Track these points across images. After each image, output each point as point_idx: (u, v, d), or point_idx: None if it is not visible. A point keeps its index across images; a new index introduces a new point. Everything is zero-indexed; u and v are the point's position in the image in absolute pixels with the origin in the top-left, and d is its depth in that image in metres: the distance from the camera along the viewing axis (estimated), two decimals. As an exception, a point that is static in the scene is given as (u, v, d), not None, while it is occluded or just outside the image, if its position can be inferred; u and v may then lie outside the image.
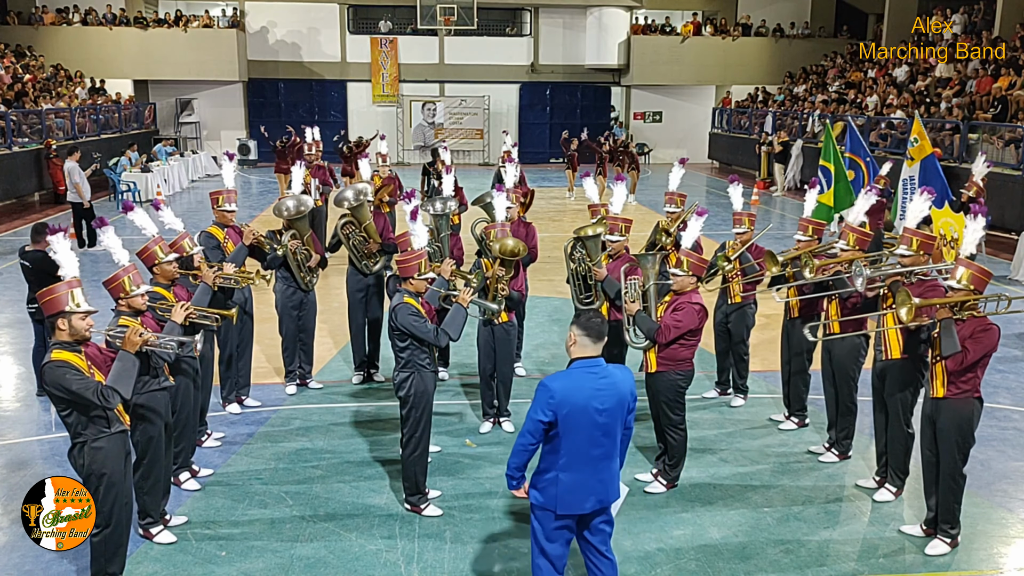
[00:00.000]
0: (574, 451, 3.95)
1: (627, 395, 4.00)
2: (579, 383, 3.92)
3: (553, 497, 4.00)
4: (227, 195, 6.95)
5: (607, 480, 4.05)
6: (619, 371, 4.05)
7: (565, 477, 3.98)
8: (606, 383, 3.94)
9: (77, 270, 4.53)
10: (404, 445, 5.54)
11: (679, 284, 5.66)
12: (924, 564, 5.08)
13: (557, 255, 7.25)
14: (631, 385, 4.04)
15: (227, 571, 4.92)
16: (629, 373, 4.10)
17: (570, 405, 3.87)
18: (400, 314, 5.31)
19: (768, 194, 21.65)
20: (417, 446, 5.50)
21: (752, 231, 7.20)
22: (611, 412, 3.94)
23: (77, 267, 4.55)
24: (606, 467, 4.03)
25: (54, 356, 4.28)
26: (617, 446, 4.07)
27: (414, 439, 5.49)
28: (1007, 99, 16.70)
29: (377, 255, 7.69)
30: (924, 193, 5.89)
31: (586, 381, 3.92)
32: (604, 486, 4.04)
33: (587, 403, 3.89)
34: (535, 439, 3.97)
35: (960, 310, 4.94)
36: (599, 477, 4.01)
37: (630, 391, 4.02)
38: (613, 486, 4.09)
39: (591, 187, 7.64)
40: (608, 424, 3.95)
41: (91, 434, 4.37)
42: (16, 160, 17.94)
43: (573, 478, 3.97)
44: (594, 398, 3.90)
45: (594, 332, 3.96)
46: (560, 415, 3.89)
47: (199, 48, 25.95)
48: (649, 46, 28.17)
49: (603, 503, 4.07)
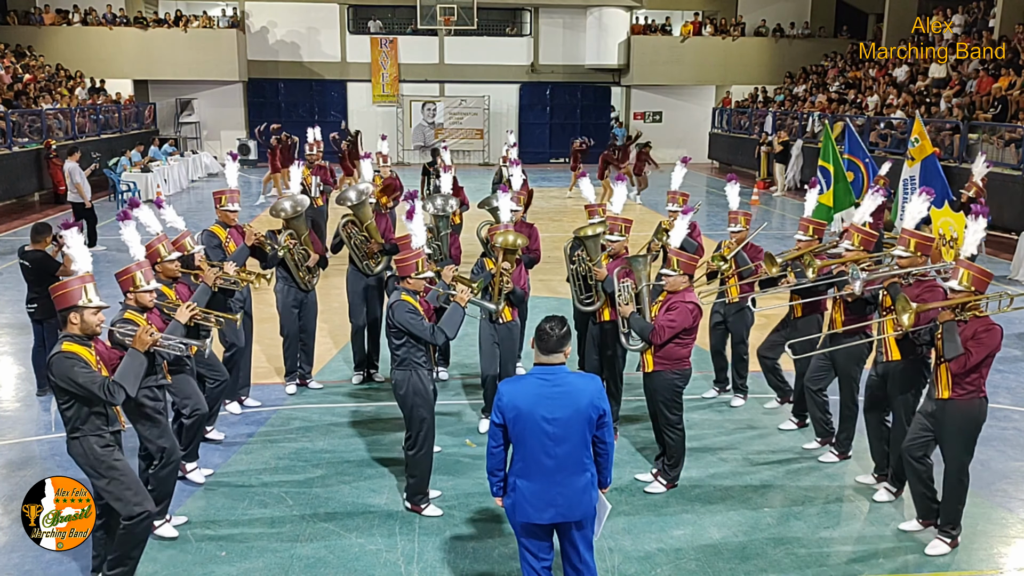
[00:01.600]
0: (528, 458, 3.95)
1: (584, 406, 3.88)
2: (527, 389, 3.92)
3: (511, 504, 4.04)
4: (230, 195, 6.98)
5: (569, 495, 3.94)
6: (581, 381, 3.96)
7: (522, 484, 3.99)
8: (558, 392, 3.89)
9: (90, 265, 4.56)
10: (409, 444, 5.53)
11: (671, 284, 5.66)
12: (924, 564, 5.09)
13: (557, 255, 7.26)
14: (593, 397, 3.92)
15: (227, 571, 4.93)
16: (593, 384, 3.97)
17: (516, 410, 3.90)
18: (397, 311, 5.31)
19: (768, 194, 21.65)
20: (422, 446, 5.49)
21: (748, 230, 7.20)
22: (563, 423, 3.87)
23: (90, 263, 4.58)
24: (565, 480, 3.94)
25: (64, 348, 4.30)
26: (580, 460, 3.94)
27: (419, 438, 5.48)
28: (1007, 99, 16.70)
29: (379, 255, 7.69)
30: (922, 194, 5.89)
31: (534, 388, 3.91)
32: (566, 500, 3.94)
33: (532, 409, 3.88)
34: (496, 442, 4.03)
35: (962, 311, 4.94)
36: (557, 490, 3.94)
37: (590, 402, 3.90)
38: (579, 502, 3.97)
39: (588, 188, 7.65)
40: (560, 435, 3.88)
41: (88, 429, 4.38)
42: (16, 160, 17.93)
43: (529, 486, 3.97)
44: (540, 405, 3.87)
45: (544, 342, 3.92)
46: (508, 418, 3.93)
47: (199, 48, 25.94)
48: (649, 46, 28.17)
49: (565, 517, 3.99)
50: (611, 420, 4.02)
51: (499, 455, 4.07)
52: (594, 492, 4.05)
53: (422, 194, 12.94)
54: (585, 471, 3.99)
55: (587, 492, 4.00)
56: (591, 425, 3.94)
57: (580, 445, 3.94)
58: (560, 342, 3.94)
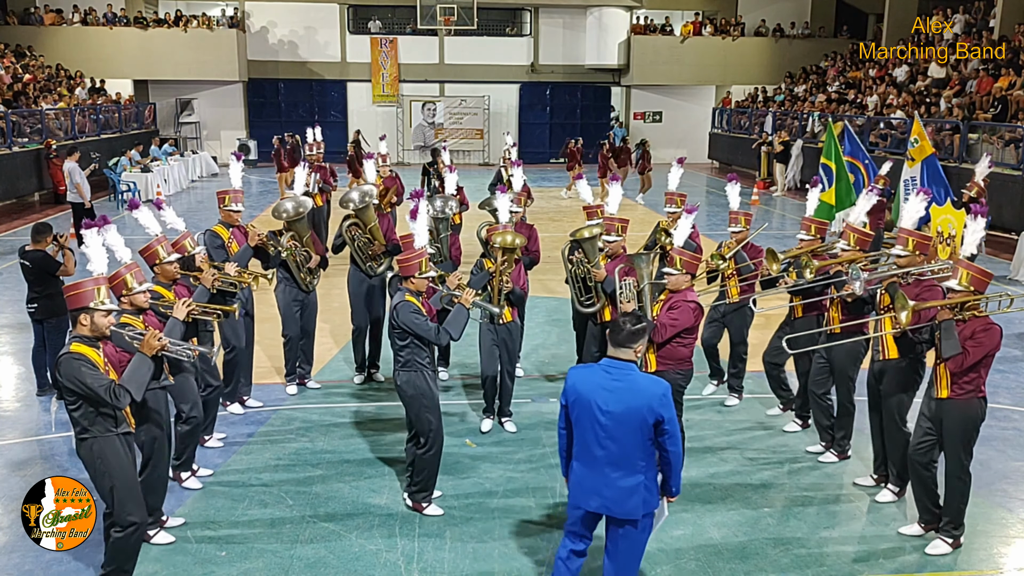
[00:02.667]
0: (581, 443, 4.06)
1: (640, 407, 3.88)
2: (590, 377, 4.01)
3: (569, 483, 4.19)
4: (234, 195, 6.98)
5: (615, 491, 3.97)
6: (645, 382, 3.96)
7: (576, 467, 4.12)
8: (618, 386, 3.92)
9: (106, 267, 4.56)
10: (417, 444, 5.51)
11: (673, 283, 5.66)
12: (924, 564, 5.08)
13: (556, 255, 7.27)
14: (652, 400, 3.89)
15: (227, 571, 4.93)
16: (657, 389, 3.93)
17: (576, 394, 4.02)
18: (401, 312, 5.31)
19: (768, 194, 21.65)
20: (432, 445, 5.47)
21: (748, 230, 7.19)
22: (616, 417, 3.91)
23: (106, 264, 4.58)
24: (613, 475, 3.96)
25: (73, 348, 4.30)
26: (631, 460, 3.95)
27: (429, 438, 5.46)
28: (1007, 99, 16.69)
29: (382, 257, 7.68)
30: (920, 194, 5.90)
31: (597, 377, 3.99)
32: (613, 494, 3.98)
33: (590, 397, 3.95)
34: (561, 423, 4.18)
35: (961, 311, 4.94)
36: (604, 481, 3.99)
37: (648, 405, 3.88)
38: (625, 501, 3.97)
39: (585, 189, 7.66)
40: (612, 428, 3.92)
41: (97, 431, 4.37)
42: (16, 160, 17.93)
43: (581, 470, 4.08)
44: (598, 395, 3.93)
45: (614, 334, 4.02)
46: (569, 401, 4.07)
47: (199, 48, 25.95)
48: (649, 46, 28.17)
49: (610, 511, 4.03)
50: (676, 429, 3.96)
51: (563, 436, 4.19)
52: (646, 496, 4.01)
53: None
54: (636, 473, 3.97)
55: (635, 494, 3.97)
56: (646, 428, 3.91)
57: (633, 445, 3.94)
58: (630, 337, 3.97)
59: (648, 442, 3.96)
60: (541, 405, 7.47)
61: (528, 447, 6.61)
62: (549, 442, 6.69)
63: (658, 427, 3.93)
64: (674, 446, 3.99)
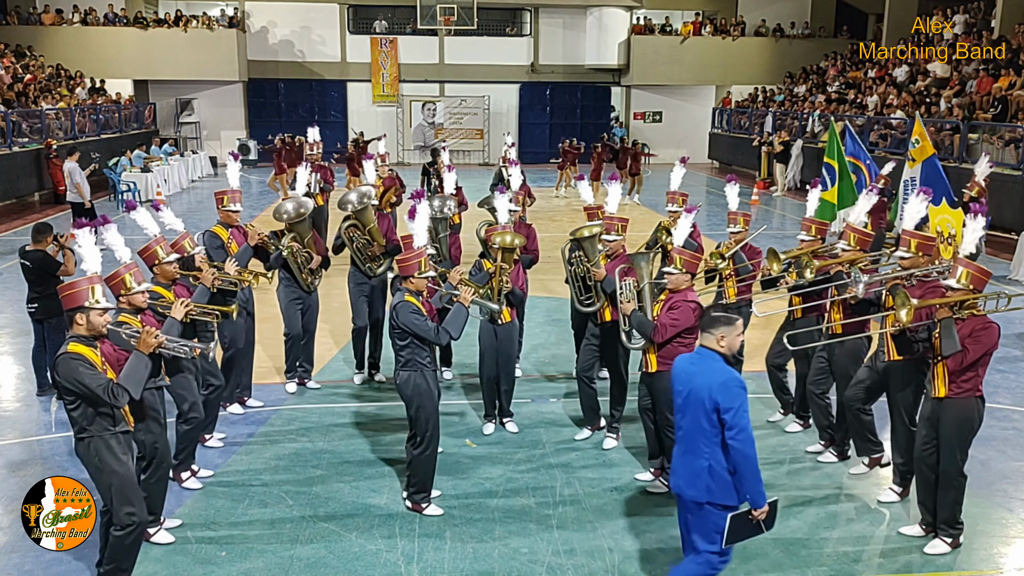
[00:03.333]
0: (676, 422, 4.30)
1: (699, 389, 4.02)
2: (682, 360, 4.27)
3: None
4: (232, 195, 6.96)
5: (686, 470, 4.12)
6: (712, 367, 4.05)
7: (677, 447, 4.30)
8: (692, 369, 4.13)
9: (99, 266, 4.56)
10: (414, 444, 5.52)
11: (674, 282, 5.65)
12: (924, 564, 5.08)
13: (556, 256, 7.27)
14: (711, 386, 3.97)
15: (227, 571, 4.93)
16: (720, 376, 3.99)
17: (673, 375, 4.27)
18: (401, 312, 5.31)
19: (768, 194, 21.65)
20: (428, 445, 5.48)
21: (747, 231, 7.19)
22: (683, 396, 4.12)
23: (100, 263, 4.58)
24: (685, 455, 4.14)
25: (70, 348, 4.30)
26: (696, 443, 4.06)
27: (425, 438, 5.47)
28: (1007, 99, 16.69)
29: (381, 257, 7.68)
30: (920, 194, 5.90)
31: (685, 361, 4.24)
32: (685, 472, 4.13)
33: (674, 379, 4.23)
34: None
35: (960, 309, 4.94)
36: (679, 460, 4.20)
37: (707, 390, 3.97)
38: (693, 482, 4.09)
39: (585, 189, 7.65)
40: (681, 408, 4.15)
41: (95, 430, 4.37)
42: (16, 160, 17.93)
43: (675, 449, 4.30)
44: (678, 378, 4.20)
45: (701, 323, 4.22)
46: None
47: (199, 48, 25.95)
48: (649, 46, 28.17)
49: (681, 490, 4.18)
50: (740, 424, 3.94)
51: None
52: (710, 483, 4.04)
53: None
54: (701, 457, 4.07)
55: (701, 476, 4.07)
56: (707, 413, 4.02)
57: (697, 429, 4.07)
58: (709, 322, 4.12)
59: (711, 429, 4.04)
60: (541, 405, 7.47)
61: (528, 447, 6.61)
62: (549, 442, 6.70)
63: (720, 417, 4.00)
64: (737, 442, 3.95)
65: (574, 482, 6.04)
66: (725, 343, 4.08)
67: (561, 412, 7.33)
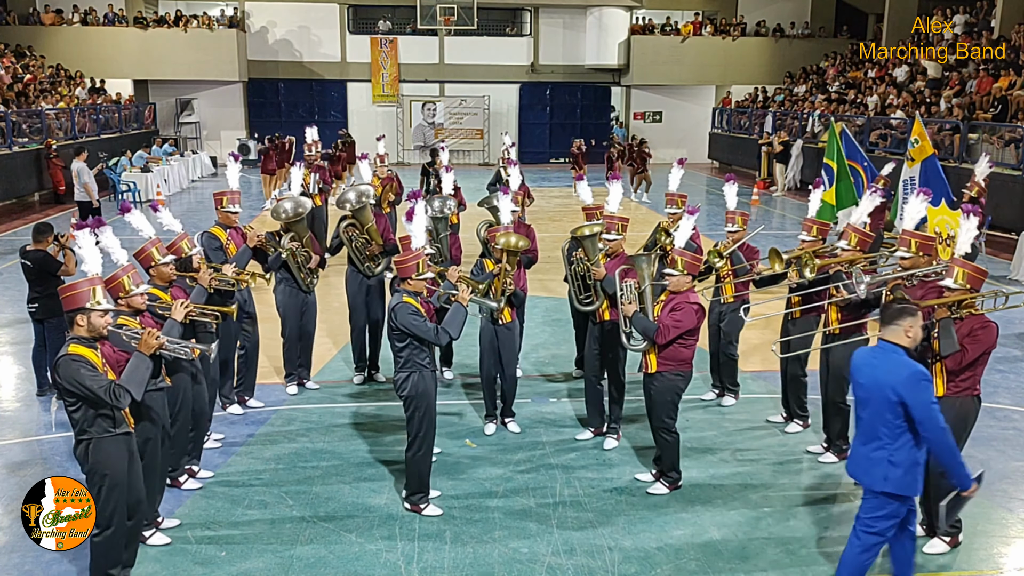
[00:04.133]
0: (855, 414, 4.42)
1: (882, 382, 4.10)
2: (863, 352, 4.38)
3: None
4: (231, 196, 6.96)
5: (863, 458, 4.24)
6: (897, 361, 4.12)
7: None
8: (874, 362, 4.21)
9: (100, 267, 4.56)
10: (408, 444, 5.54)
11: (675, 284, 5.65)
12: (924, 564, 5.08)
13: (556, 256, 7.27)
14: (896, 380, 4.06)
15: (227, 571, 4.93)
16: (905, 370, 4.08)
17: (853, 367, 4.39)
18: (400, 313, 5.31)
19: (768, 194, 21.65)
20: (421, 446, 5.49)
21: (744, 230, 7.19)
22: (865, 389, 4.22)
23: (100, 264, 4.57)
24: (862, 443, 4.25)
25: (71, 350, 4.30)
26: (875, 433, 4.18)
27: (418, 439, 5.48)
28: (1007, 99, 16.69)
29: (379, 257, 7.68)
30: (920, 194, 5.90)
31: (866, 354, 4.33)
32: (861, 460, 4.27)
33: (855, 370, 4.33)
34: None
35: (958, 309, 4.95)
36: (856, 449, 4.32)
37: (891, 384, 4.07)
38: (867, 470, 4.23)
39: (585, 190, 7.66)
40: (863, 400, 4.25)
41: (96, 432, 4.37)
42: (16, 160, 17.93)
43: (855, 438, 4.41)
44: (859, 370, 4.30)
45: (884, 315, 4.30)
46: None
47: (199, 48, 25.95)
48: (649, 46, 28.17)
49: (857, 477, 4.34)
50: (929, 416, 4.06)
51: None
52: (888, 472, 4.16)
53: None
54: (881, 448, 4.18)
55: (879, 467, 4.19)
56: (890, 405, 4.11)
57: (879, 420, 4.18)
58: (895, 314, 4.20)
59: (894, 420, 4.13)
60: (541, 405, 7.47)
61: (528, 447, 6.61)
62: (549, 442, 6.70)
63: (906, 410, 4.08)
64: (929, 432, 4.08)
65: (574, 482, 6.04)
66: (912, 333, 4.19)
67: (561, 412, 7.33)
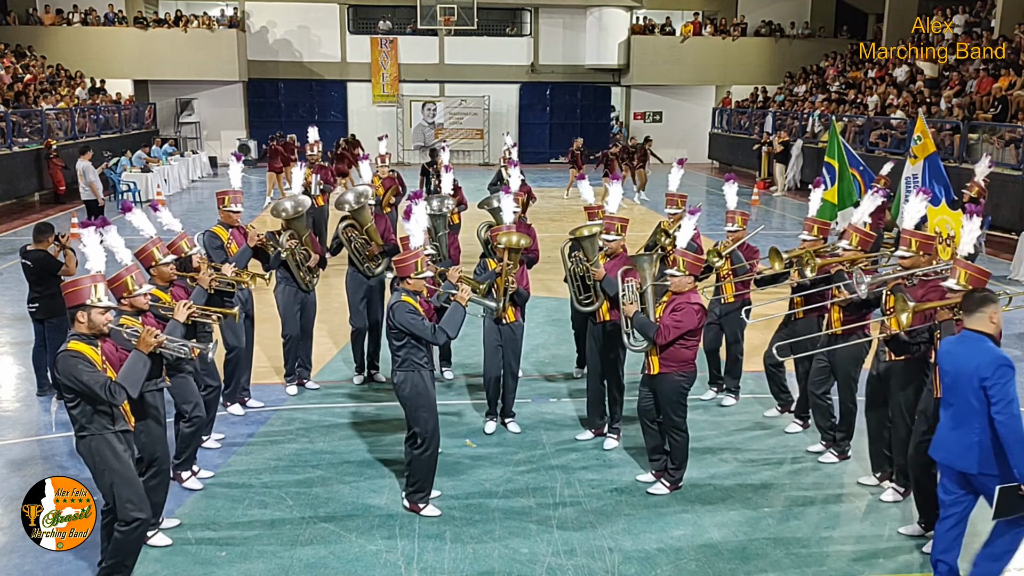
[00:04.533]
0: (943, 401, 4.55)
1: (968, 369, 4.22)
2: (949, 342, 4.50)
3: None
4: (233, 196, 6.97)
5: (955, 444, 4.36)
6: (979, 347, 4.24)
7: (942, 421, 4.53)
8: (959, 349, 4.35)
9: (103, 265, 4.56)
10: (413, 444, 5.51)
11: (676, 284, 5.65)
12: (924, 564, 5.07)
13: (556, 255, 7.27)
14: (980, 364, 4.19)
15: (227, 572, 4.92)
16: (987, 356, 4.19)
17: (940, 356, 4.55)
18: (398, 312, 5.31)
19: (768, 194, 21.65)
20: (428, 445, 5.47)
21: (744, 230, 7.19)
22: (952, 376, 4.35)
23: (104, 262, 4.58)
24: (955, 430, 4.36)
25: (70, 346, 4.32)
26: (966, 418, 4.28)
27: (425, 438, 5.46)
28: (1007, 99, 16.69)
29: (379, 257, 7.68)
30: (920, 194, 5.90)
31: (952, 343, 4.46)
32: (955, 446, 4.37)
33: (942, 360, 4.48)
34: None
35: (960, 310, 4.93)
36: (948, 436, 4.43)
37: (975, 367, 4.19)
38: (962, 455, 4.33)
39: (586, 189, 7.66)
40: (951, 387, 4.39)
41: (95, 428, 4.38)
42: (16, 160, 17.93)
43: (941, 426, 4.52)
44: (945, 358, 4.45)
45: (966, 305, 4.43)
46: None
47: (199, 48, 25.95)
48: (649, 46, 28.17)
49: (951, 463, 4.42)
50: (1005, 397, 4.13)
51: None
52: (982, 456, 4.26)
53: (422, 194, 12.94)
54: (972, 433, 4.29)
55: (972, 450, 4.30)
56: (974, 391, 4.22)
57: (966, 405, 4.29)
58: (978, 302, 4.34)
59: (979, 406, 4.23)
60: (541, 405, 7.47)
61: (528, 447, 6.61)
62: (549, 442, 6.70)
63: (985, 392, 4.18)
64: (1002, 415, 4.14)
65: (574, 483, 6.04)
66: (996, 319, 4.30)
67: (561, 412, 7.33)
